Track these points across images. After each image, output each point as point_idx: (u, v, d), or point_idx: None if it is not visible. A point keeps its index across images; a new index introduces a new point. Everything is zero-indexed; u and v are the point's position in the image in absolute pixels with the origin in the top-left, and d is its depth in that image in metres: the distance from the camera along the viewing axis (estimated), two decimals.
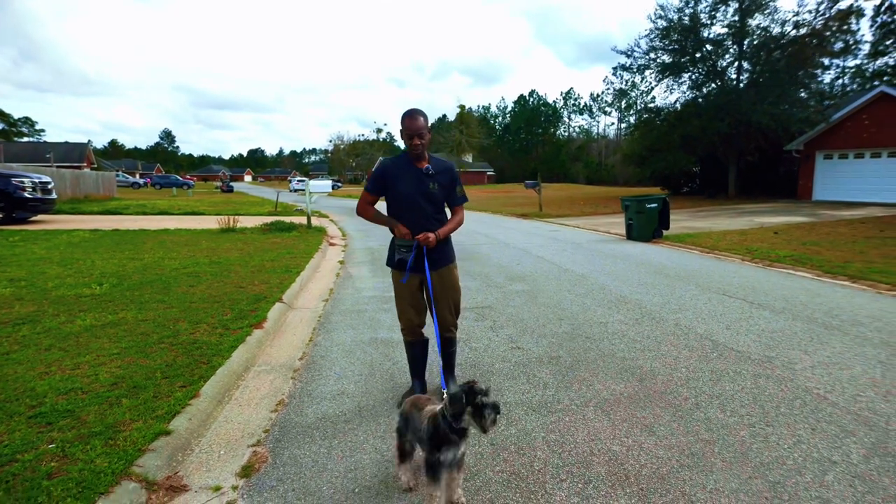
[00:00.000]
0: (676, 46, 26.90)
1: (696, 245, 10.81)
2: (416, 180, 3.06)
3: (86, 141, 65.41)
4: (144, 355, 3.82)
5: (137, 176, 71.52)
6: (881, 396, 3.29)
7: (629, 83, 29.65)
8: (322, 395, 3.39)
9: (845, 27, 23.36)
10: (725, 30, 25.75)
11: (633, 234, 12.07)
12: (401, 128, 3.04)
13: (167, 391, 3.20)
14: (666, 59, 27.58)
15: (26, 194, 13.43)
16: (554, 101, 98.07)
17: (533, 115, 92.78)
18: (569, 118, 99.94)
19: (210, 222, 14.26)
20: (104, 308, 5.08)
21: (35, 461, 2.38)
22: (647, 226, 11.88)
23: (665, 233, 12.14)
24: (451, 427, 2.12)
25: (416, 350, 3.34)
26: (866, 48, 27.08)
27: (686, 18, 26.15)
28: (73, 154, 56.12)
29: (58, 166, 33.85)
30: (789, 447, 2.69)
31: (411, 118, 2.99)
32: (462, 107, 68.81)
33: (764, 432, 2.84)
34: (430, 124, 3.07)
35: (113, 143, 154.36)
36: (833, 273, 7.68)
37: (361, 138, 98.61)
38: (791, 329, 4.80)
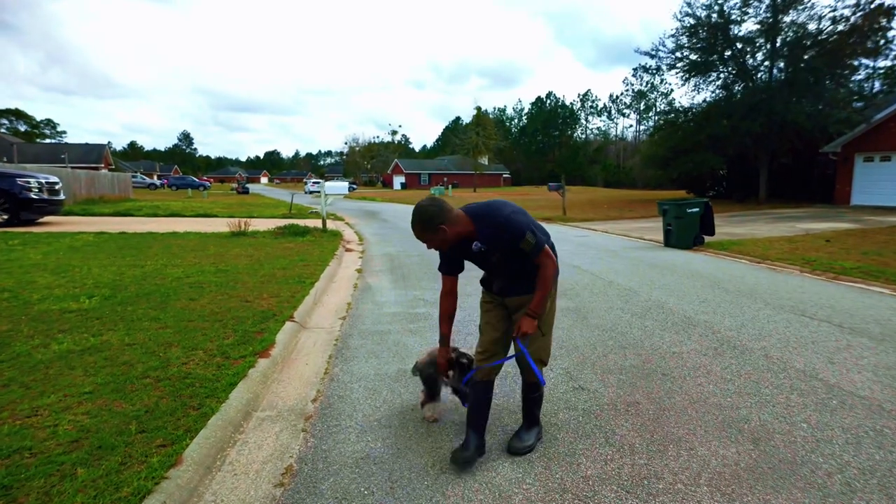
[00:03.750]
0: (704, 45, 25.85)
1: (744, 254, 9.88)
2: (473, 257, 2.61)
3: (105, 142, 65.85)
4: (122, 395, 3.08)
5: (155, 177, 71.84)
6: None
7: (648, 85, 28.75)
8: (342, 460, 2.61)
9: (876, 25, 22.16)
10: (757, 27, 24.65)
11: (671, 240, 11.15)
12: None
13: (141, 454, 2.45)
14: (693, 57, 26.54)
15: (32, 195, 12.87)
16: (571, 103, 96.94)
17: (550, 117, 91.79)
18: (586, 120, 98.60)
19: (221, 225, 13.61)
20: (88, 328, 4.38)
21: None
22: (687, 232, 10.96)
23: (706, 240, 11.22)
24: None
25: (481, 393, 2.62)
26: None
27: (715, 16, 25.10)
28: (90, 155, 56.39)
29: (73, 167, 33.75)
30: None
31: (413, 229, 2.50)
32: (479, 108, 67.96)
33: None
34: (436, 217, 2.39)
35: (132, 144, 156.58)
36: None
37: (377, 140, 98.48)
38: None
